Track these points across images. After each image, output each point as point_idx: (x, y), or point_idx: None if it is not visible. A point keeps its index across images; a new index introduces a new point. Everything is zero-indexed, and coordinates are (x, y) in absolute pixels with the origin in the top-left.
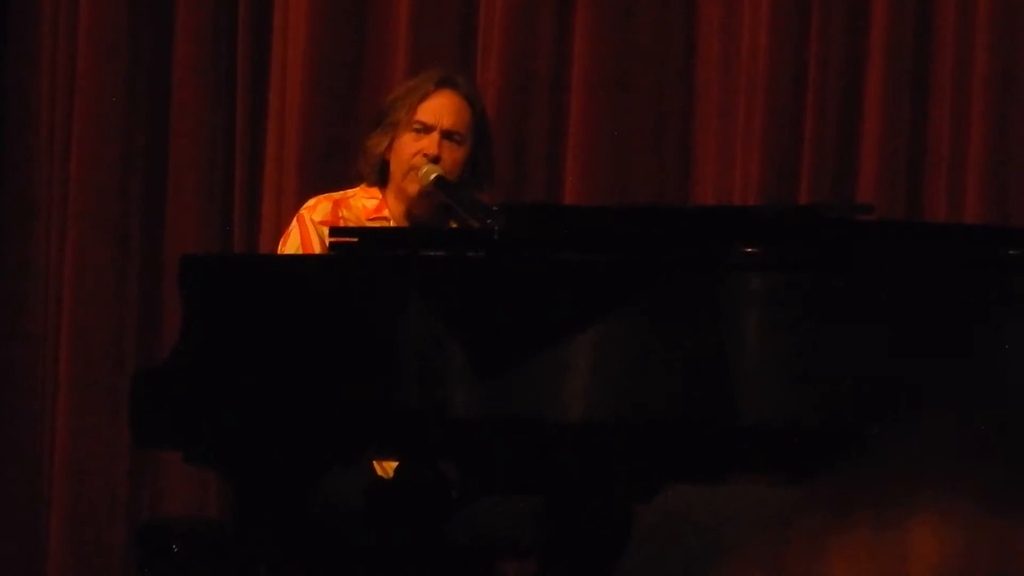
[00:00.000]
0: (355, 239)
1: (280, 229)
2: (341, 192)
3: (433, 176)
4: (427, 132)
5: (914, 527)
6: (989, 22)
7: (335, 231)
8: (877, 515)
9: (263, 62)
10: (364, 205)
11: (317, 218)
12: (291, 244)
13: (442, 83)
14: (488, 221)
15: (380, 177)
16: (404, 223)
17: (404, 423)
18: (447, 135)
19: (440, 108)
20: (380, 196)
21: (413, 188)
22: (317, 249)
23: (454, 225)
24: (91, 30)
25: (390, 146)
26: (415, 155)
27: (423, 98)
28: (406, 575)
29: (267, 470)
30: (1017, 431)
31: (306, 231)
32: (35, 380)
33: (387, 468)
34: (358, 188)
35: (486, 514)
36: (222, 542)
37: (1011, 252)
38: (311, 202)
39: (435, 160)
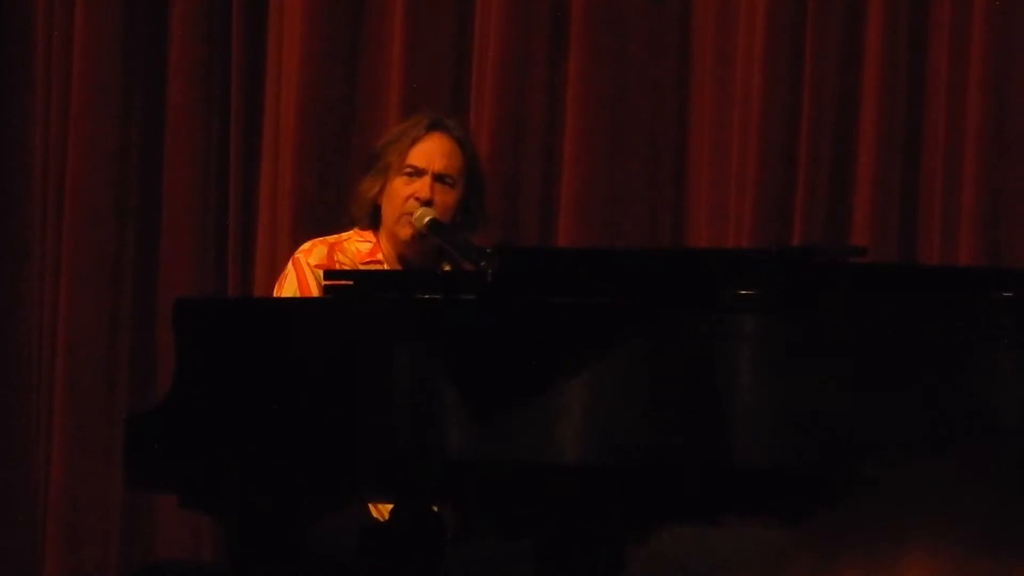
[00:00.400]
0: (350, 282)
1: (274, 269)
2: (335, 236)
3: (427, 219)
4: (419, 176)
5: (906, 568)
6: (983, 64)
7: (329, 274)
8: (869, 556)
9: (257, 100)
10: (358, 249)
11: (313, 262)
12: (288, 288)
13: (433, 126)
14: (482, 263)
15: (372, 221)
16: (397, 266)
17: (398, 466)
18: (439, 178)
19: (431, 151)
20: (374, 239)
21: (406, 232)
22: (314, 293)
23: (447, 267)
24: (83, 73)
25: (382, 190)
26: (407, 199)
27: (414, 142)
28: None
29: (261, 513)
30: (1007, 470)
31: (303, 275)
32: (29, 424)
33: (383, 510)
34: (351, 232)
35: (481, 555)
36: None
37: (1004, 294)
38: (306, 246)
39: (427, 203)
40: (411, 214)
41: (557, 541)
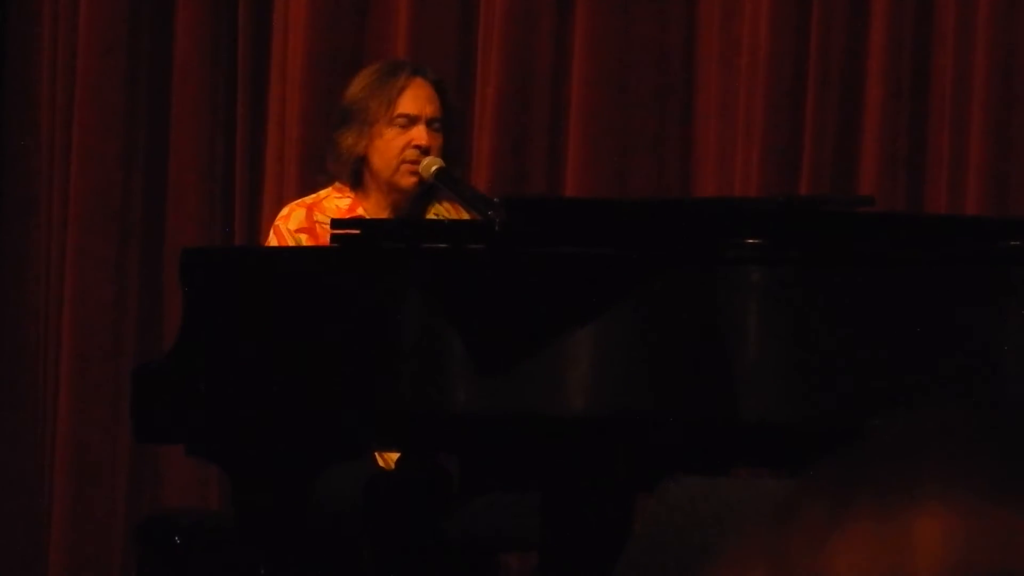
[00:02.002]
0: (357, 231)
1: None
2: (313, 196)
3: (435, 168)
4: (412, 124)
5: (917, 518)
6: (990, 16)
7: (337, 223)
8: (880, 506)
9: (263, 57)
10: (337, 206)
11: (293, 227)
12: None
13: (414, 73)
14: (489, 213)
15: (354, 176)
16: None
17: (404, 416)
18: (429, 123)
19: (419, 98)
20: (352, 195)
21: (409, 181)
22: None
23: (434, 215)
24: (91, 26)
25: (369, 144)
26: (404, 148)
27: (401, 91)
28: (406, 568)
29: (268, 463)
30: (1017, 423)
31: (283, 241)
32: (36, 377)
33: (389, 460)
34: (329, 189)
35: (487, 507)
36: (223, 535)
37: (1012, 243)
38: (285, 211)
39: (426, 151)
40: (414, 163)
41: (563, 492)
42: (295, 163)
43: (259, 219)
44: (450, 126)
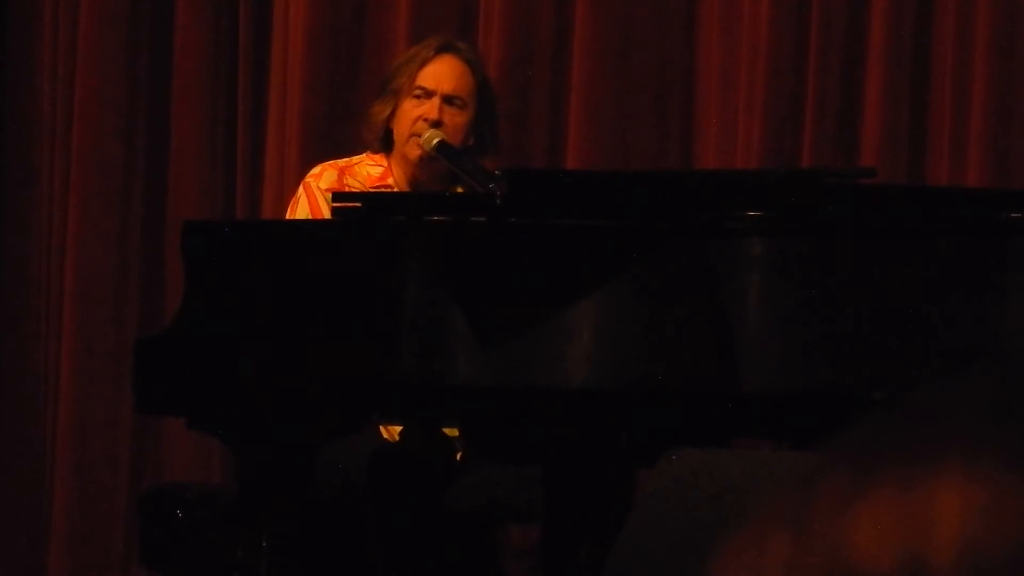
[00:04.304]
0: (358, 204)
1: (283, 195)
2: (346, 159)
3: (436, 141)
4: (428, 97)
5: (939, 488)
6: None
7: (338, 196)
8: (903, 475)
9: (265, 29)
10: (369, 173)
11: (323, 186)
12: (300, 212)
13: (442, 49)
14: (491, 186)
15: (384, 144)
16: (408, 190)
17: (406, 388)
18: (448, 100)
19: (440, 73)
20: (385, 163)
21: (414, 153)
22: (326, 216)
23: (460, 191)
24: (92, 2)
25: (392, 113)
26: (416, 121)
27: (423, 64)
28: (410, 540)
29: (270, 436)
30: (1018, 394)
31: (314, 199)
32: (37, 349)
33: (393, 432)
34: (363, 155)
35: (490, 479)
36: (225, 508)
37: (1012, 215)
38: (316, 169)
39: (436, 124)
40: (420, 135)
41: (565, 465)
42: (296, 133)
43: (260, 191)
44: (480, 105)
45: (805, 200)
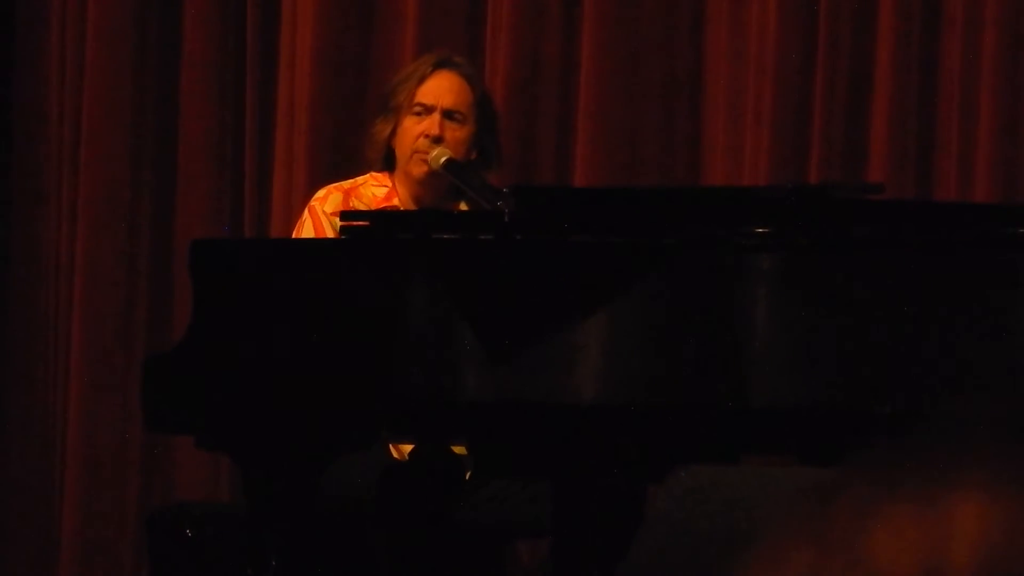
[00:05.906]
0: (367, 223)
1: (291, 214)
2: (351, 181)
3: (444, 159)
4: (428, 113)
5: (958, 503)
6: (999, 1)
7: (346, 215)
8: (922, 491)
9: (272, 47)
10: (374, 194)
11: (329, 209)
12: (305, 236)
13: (440, 64)
14: (499, 203)
15: (387, 163)
16: (413, 208)
17: (415, 406)
18: (448, 114)
19: (439, 88)
20: (389, 183)
21: (418, 170)
22: None
23: (464, 207)
24: (99, 17)
25: (394, 131)
26: (418, 137)
27: (421, 80)
28: (419, 559)
29: (279, 454)
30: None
31: (319, 222)
32: (46, 368)
33: (403, 452)
34: (367, 176)
35: (498, 495)
36: (235, 527)
37: (1021, 230)
38: (321, 193)
39: (438, 140)
40: (424, 152)
41: (575, 481)
42: (304, 153)
43: (268, 209)
44: (480, 119)
45: (813, 215)
